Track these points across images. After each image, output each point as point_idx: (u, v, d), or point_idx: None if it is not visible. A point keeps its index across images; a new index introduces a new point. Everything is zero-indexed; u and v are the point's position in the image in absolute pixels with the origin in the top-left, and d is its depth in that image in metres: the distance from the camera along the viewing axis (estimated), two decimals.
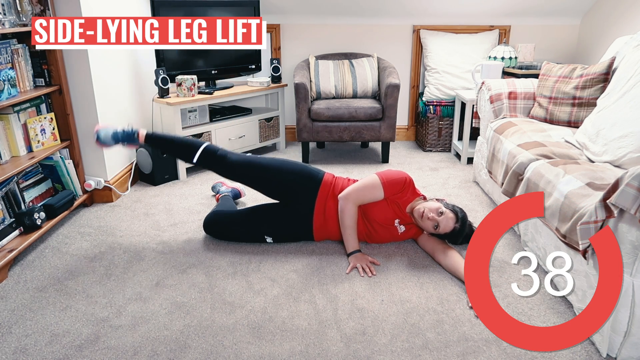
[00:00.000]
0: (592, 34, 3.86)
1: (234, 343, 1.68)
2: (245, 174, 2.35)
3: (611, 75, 2.49)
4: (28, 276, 2.11)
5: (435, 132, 3.90)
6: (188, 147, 2.35)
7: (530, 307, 1.87)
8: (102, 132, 2.38)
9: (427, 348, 1.65)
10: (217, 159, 2.33)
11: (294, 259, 2.24)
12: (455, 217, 2.15)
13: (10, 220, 2.27)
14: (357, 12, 3.96)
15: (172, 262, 2.21)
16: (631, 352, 1.56)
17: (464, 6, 3.88)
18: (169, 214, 2.73)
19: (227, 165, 2.33)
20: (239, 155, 2.36)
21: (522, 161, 2.25)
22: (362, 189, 2.24)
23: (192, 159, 2.34)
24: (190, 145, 2.36)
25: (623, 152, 2.03)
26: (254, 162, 2.35)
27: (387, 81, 3.50)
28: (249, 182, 2.40)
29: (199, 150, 2.32)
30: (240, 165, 2.33)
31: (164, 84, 3.25)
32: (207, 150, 2.33)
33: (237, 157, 2.35)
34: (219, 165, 2.34)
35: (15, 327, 1.77)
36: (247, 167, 2.33)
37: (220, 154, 2.34)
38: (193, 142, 2.38)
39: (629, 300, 1.52)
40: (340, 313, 1.84)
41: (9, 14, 2.30)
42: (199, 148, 2.33)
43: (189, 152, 2.34)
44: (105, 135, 2.38)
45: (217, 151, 2.35)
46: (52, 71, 2.54)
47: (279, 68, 3.82)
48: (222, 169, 2.36)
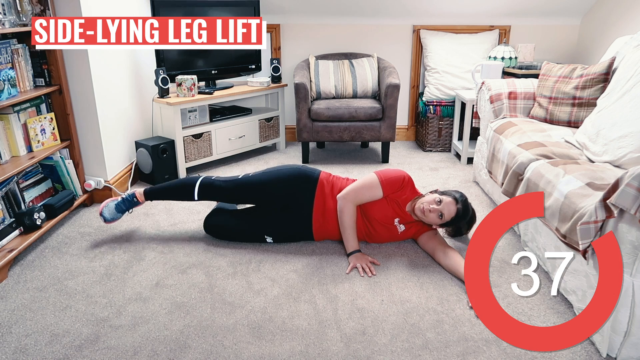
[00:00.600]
0: (592, 34, 3.86)
1: (234, 343, 1.68)
2: (245, 195, 2.39)
3: (611, 75, 2.49)
4: (28, 276, 2.11)
5: (435, 132, 3.90)
6: (185, 188, 2.39)
7: (530, 307, 1.87)
8: (105, 212, 2.41)
9: (427, 348, 1.65)
10: (215, 190, 2.37)
11: (294, 259, 2.24)
12: (454, 200, 2.16)
13: (10, 220, 2.27)
14: (357, 12, 3.96)
15: (172, 262, 2.21)
16: (631, 352, 1.56)
17: (464, 6, 3.88)
18: (169, 214, 2.73)
19: (226, 193, 2.37)
20: (233, 180, 2.38)
21: (522, 161, 2.25)
22: (361, 188, 2.24)
23: (194, 198, 2.38)
24: (186, 185, 2.40)
25: (623, 152, 2.03)
26: (248, 182, 2.36)
27: (387, 81, 3.50)
28: (253, 202, 2.42)
29: (195, 187, 2.36)
30: (237, 190, 2.36)
31: (164, 84, 3.25)
32: (203, 185, 2.37)
33: (231, 183, 2.37)
34: (218, 195, 2.40)
35: (15, 327, 1.77)
36: (244, 188, 2.36)
37: (216, 184, 2.37)
38: (188, 181, 2.41)
39: (629, 300, 1.52)
40: (340, 313, 1.84)
41: (9, 14, 2.30)
42: (195, 185, 2.37)
43: (188, 193, 2.38)
44: (110, 213, 2.42)
45: (212, 183, 2.38)
46: (52, 71, 2.54)
47: (279, 68, 3.82)
48: (223, 197, 2.41)
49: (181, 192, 2.42)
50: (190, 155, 3.33)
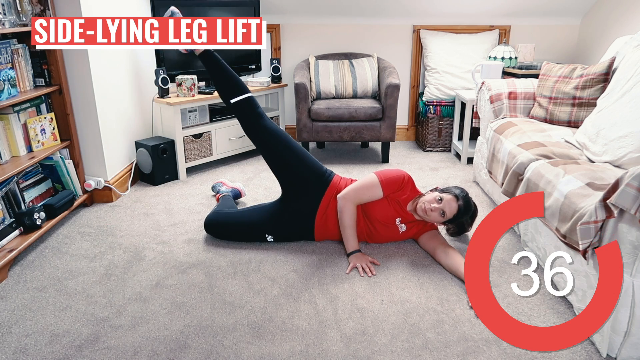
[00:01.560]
0: (592, 34, 3.86)
1: (234, 343, 1.68)
2: (268, 142, 2.33)
3: (611, 76, 2.49)
4: (28, 276, 2.11)
5: (435, 132, 3.90)
6: (235, 86, 2.30)
7: (530, 307, 1.87)
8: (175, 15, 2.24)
9: (427, 348, 1.65)
10: (253, 113, 2.30)
11: (294, 259, 2.24)
12: (455, 197, 2.17)
13: (10, 220, 2.27)
14: (357, 12, 3.96)
15: (172, 262, 2.21)
16: (631, 352, 1.56)
17: (464, 6, 3.88)
18: (169, 214, 2.73)
19: (257, 125, 2.31)
20: (272, 124, 2.35)
21: (522, 161, 2.25)
22: (361, 188, 2.24)
23: (231, 99, 2.29)
24: (238, 86, 2.31)
25: (623, 152, 2.03)
26: (283, 139, 2.32)
27: (387, 81, 3.50)
28: (266, 152, 2.38)
29: (243, 95, 2.29)
30: (269, 133, 2.31)
31: (164, 84, 3.25)
32: (249, 100, 2.30)
33: (270, 124, 2.33)
34: (250, 119, 2.32)
35: (15, 327, 1.77)
36: (274, 137, 2.31)
37: (258, 111, 2.32)
38: (242, 85, 2.33)
39: (629, 300, 1.52)
40: (340, 313, 1.84)
41: (9, 14, 2.30)
42: (244, 94, 2.29)
43: (233, 91, 2.29)
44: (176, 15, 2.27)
45: (257, 107, 2.32)
46: (52, 71, 2.54)
47: (279, 68, 3.82)
48: (251, 124, 2.33)
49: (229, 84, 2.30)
50: (190, 155, 3.33)
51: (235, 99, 2.30)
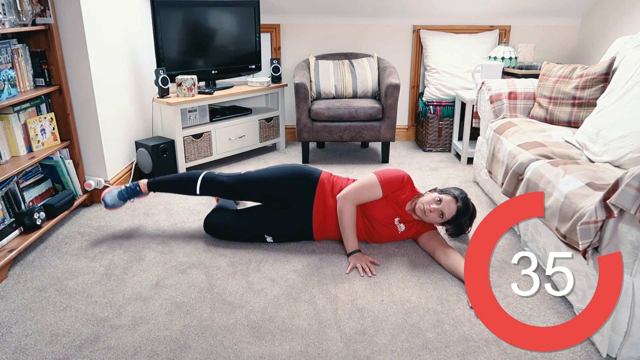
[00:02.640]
0: (592, 34, 3.86)
1: (234, 343, 1.68)
2: (244, 191, 2.39)
3: (611, 76, 2.49)
4: (28, 276, 2.11)
5: (435, 132, 3.90)
6: (188, 182, 2.41)
7: (530, 307, 1.87)
8: (107, 197, 2.46)
9: (427, 348, 1.65)
10: (217, 185, 2.38)
11: (294, 259, 2.24)
12: (454, 198, 2.17)
13: (10, 220, 2.27)
14: (357, 12, 3.96)
15: (172, 262, 2.21)
16: (631, 352, 1.56)
17: (464, 6, 3.88)
18: (169, 214, 2.73)
19: (228, 189, 2.39)
20: (235, 176, 2.40)
21: (522, 161, 2.25)
22: (360, 188, 2.24)
23: (195, 192, 2.39)
24: (189, 179, 2.41)
25: (623, 152, 2.03)
26: (250, 178, 2.38)
27: (387, 81, 3.50)
28: (252, 199, 2.44)
29: (198, 181, 2.38)
30: (238, 185, 2.37)
31: (164, 84, 3.25)
32: (205, 180, 2.38)
33: (233, 178, 2.39)
34: (220, 190, 2.41)
35: (15, 327, 1.77)
36: (245, 184, 2.37)
37: (218, 179, 2.39)
38: (191, 175, 2.42)
39: (629, 300, 1.52)
40: (340, 313, 1.84)
41: (9, 14, 2.30)
42: (198, 179, 2.38)
43: (190, 186, 2.40)
44: (111, 199, 2.46)
45: (214, 178, 2.39)
46: (52, 71, 2.54)
47: (279, 68, 3.82)
48: (224, 193, 2.42)
49: (184, 185, 2.43)
50: (190, 155, 3.33)
51: (197, 188, 2.39)
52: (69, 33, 2.57)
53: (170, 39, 3.32)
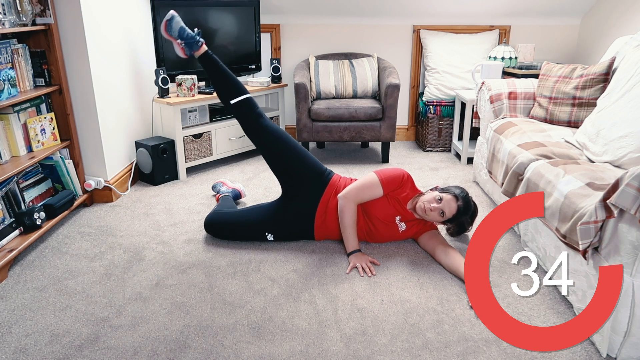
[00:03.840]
0: (592, 34, 3.86)
1: (234, 343, 1.68)
2: (268, 142, 2.35)
3: (611, 76, 2.49)
4: (28, 276, 2.11)
5: (435, 132, 3.90)
6: (234, 87, 2.33)
7: (530, 307, 1.87)
8: (175, 18, 2.33)
9: (427, 348, 1.65)
10: (252, 114, 2.33)
11: (294, 258, 2.24)
12: (455, 197, 2.17)
13: (10, 220, 2.27)
14: (357, 12, 3.96)
15: (172, 262, 2.21)
16: (631, 352, 1.56)
17: (464, 6, 3.88)
18: (169, 214, 2.73)
19: (256, 125, 2.33)
20: (272, 124, 2.37)
21: (522, 161, 2.25)
22: (361, 187, 2.24)
23: (230, 100, 2.32)
24: (237, 87, 2.34)
25: (623, 152, 2.03)
26: (282, 137, 2.34)
27: (387, 81, 3.50)
28: (266, 152, 2.39)
29: (241, 96, 2.32)
30: (269, 132, 2.33)
31: (164, 83, 3.25)
32: (248, 101, 2.33)
33: (269, 123, 2.36)
34: (249, 120, 2.34)
35: (15, 327, 1.77)
36: (273, 137, 2.33)
37: (257, 111, 2.35)
38: (240, 86, 2.36)
39: (629, 300, 1.52)
40: (340, 313, 1.84)
41: (9, 14, 2.30)
42: (243, 95, 2.33)
43: (232, 92, 2.32)
44: (176, 24, 2.33)
45: (256, 108, 2.35)
46: (52, 71, 2.54)
47: (279, 68, 3.82)
48: (250, 124, 2.35)
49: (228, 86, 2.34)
50: (190, 155, 3.33)
51: (234, 100, 2.32)
52: (69, 33, 2.57)
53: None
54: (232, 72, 2.37)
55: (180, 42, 2.35)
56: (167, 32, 2.36)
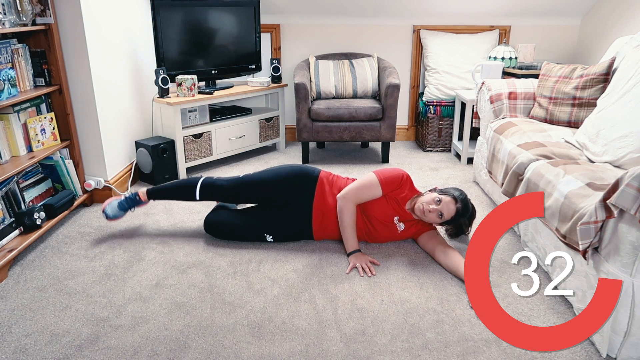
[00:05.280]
0: (592, 34, 3.86)
1: (234, 343, 1.68)
2: (243, 194, 2.39)
3: (611, 76, 2.49)
4: (28, 276, 2.11)
5: (435, 132, 3.90)
6: (187, 188, 2.41)
7: (530, 307, 1.87)
8: (108, 209, 2.45)
9: (427, 348, 1.65)
10: (216, 189, 2.38)
11: (294, 259, 2.24)
12: (454, 199, 2.17)
13: (10, 220, 2.27)
14: (357, 12, 3.96)
15: (172, 262, 2.21)
16: (631, 352, 1.57)
17: (464, 6, 3.88)
18: (169, 214, 2.73)
19: (227, 193, 2.38)
20: (232, 180, 2.40)
21: (522, 161, 2.25)
22: (360, 187, 2.24)
23: (195, 198, 2.39)
24: (188, 186, 2.41)
25: (623, 152, 2.03)
26: (249, 180, 2.38)
27: (387, 81, 3.50)
28: (253, 200, 2.43)
29: (197, 187, 2.38)
30: (236, 189, 2.37)
31: (164, 83, 3.25)
32: (204, 185, 2.38)
33: (232, 182, 2.39)
34: (219, 195, 2.40)
35: (15, 327, 1.77)
36: (244, 187, 2.37)
37: (217, 184, 2.38)
38: (189, 182, 2.42)
39: (629, 300, 1.52)
40: (340, 313, 1.84)
41: (9, 14, 2.30)
42: (197, 185, 2.38)
43: (190, 192, 2.40)
44: (112, 210, 2.45)
45: (213, 183, 2.39)
46: (52, 71, 2.54)
47: (279, 68, 3.82)
48: (224, 197, 2.42)
49: (183, 192, 2.43)
50: (190, 155, 3.33)
51: (196, 193, 2.38)
52: (69, 33, 2.57)
53: (170, 39, 3.32)
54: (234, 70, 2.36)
55: (132, 210, 2.51)
56: (116, 218, 2.48)
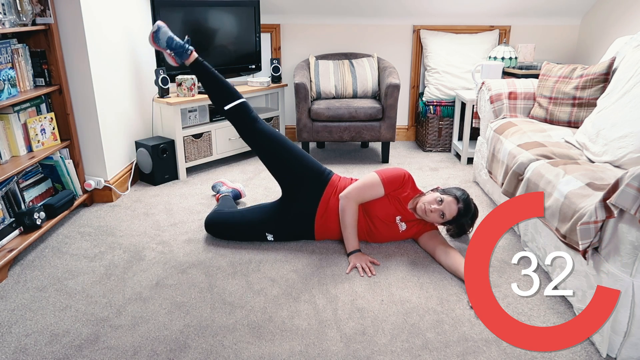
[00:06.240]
0: (592, 34, 3.86)
1: (234, 343, 1.68)
2: (264, 144, 2.34)
3: (611, 76, 2.49)
4: (28, 276, 2.11)
5: (435, 132, 3.90)
6: (227, 93, 2.32)
7: (530, 307, 1.87)
8: (162, 29, 2.32)
9: (427, 348, 1.65)
10: (248, 118, 2.32)
11: (294, 258, 2.24)
12: (456, 199, 2.17)
13: (10, 220, 2.27)
14: (357, 12, 3.96)
15: (172, 262, 2.21)
16: (631, 352, 1.56)
17: (464, 6, 3.88)
18: (169, 214, 2.73)
19: (253, 129, 2.32)
20: (268, 126, 2.36)
21: (522, 161, 2.25)
22: (362, 187, 2.24)
23: (225, 106, 2.31)
24: (230, 92, 2.33)
25: (623, 152, 2.03)
26: (279, 139, 2.33)
27: (387, 81, 3.50)
28: (263, 155, 2.38)
29: (236, 101, 2.31)
30: (265, 136, 2.32)
31: (164, 83, 3.25)
32: (242, 106, 2.32)
33: (265, 126, 2.34)
34: (245, 124, 2.33)
35: (15, 327, 1.77)
36: (270, 140, 2.32)
37: (252, 115, 2.34)
38: (234, 91, 2.35)
39: (629, 300, 1.52)
40: (340, 313, 1.84)
41: (9, 14, 2.30)
42: (237, 100, 2.31)
43: (226, 98, 2.31)
44: (163, 34, 2.32)
45: (251, 112, 2.34)
46: (52, 71, 2.54)
47: (279, 68, 3.82)
48: (246, 129, 2.34)
49: (221, 92, 2.33)
50: (190, 155, 3.33)
51: (228, 105, 2.32)
52: (69, 33, 2.57)
53: None
54: (234, 70, 2.35)
55: (169, 52, 2.35)
56: (155, 43, 2.35)
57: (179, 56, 2.34)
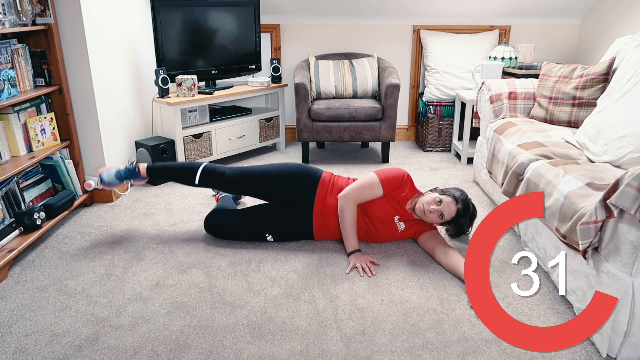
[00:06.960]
0: (592, 34, 3.86)
1: (234, 343, 1.68)
2: (245, 185, 2.39)
3: (611, 76, 2.49)
4: (28, 276, 2.11)
5: (435, 132, 3.90)
6: (188, 171, 2.40)
7: (530, 307, 1.87)
8: (104, 174, 2.44)
9: (427, 348, 1.65)
10: (216, 176, 2.37)
11: (294, 258, 2.24)
12: (454, 199, 2.17)
13: (10, 220, 2.27)
14: (357, 12, 3.96)
15: (172, 262, 2.21)
16: (631, 352, 1.56)
17: (464, 6, 3.88)
18: (169, 214, 2.73)
19: (227, 181, 2.37)
20: (236, 169, 2.40)
21: (522, 161, 2.25)
22: (361, 187, 2.24)
23: (194, 182, 2.38)
24: (189, 169, 2.40)
25: (623, 152, 2.03)
26: (251, 172, 2.38)
27: (387, 81, 3.50)
28: (251, 192, 2.44)
29: (198, 171, 2.37)
30: (238, 178, 2.37)
31: (164, 83, 3.25)
32: (205, 170, 2.37)
33: (233, 171, 2.39)
34: (219, 182, 2.39)
35: (15, 327, 1.77)
36: (245, 178, 2.37)
37: (218, 171, 2.38)
38: (191, 165, 2.42)
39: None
40: (340, 313, 1.84)
41: (9, 14, 2.30)
42: (198, 169, 2.37)
43: (190, 176, 2.38)
44: (108, 176, 2.43)
45: (215, 169, 2.39)
46: (52, 71, 2.54)
47: (279, 68, 3.82)
48: (223, 185, 2.40)
49: (183, 175, 2.41)
50: (190, 155, 3.33)
51: (196, 178, 2.37)
52: (69, 33, 2.57)
53: (170, 39, 3.32)
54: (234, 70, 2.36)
55: (128, 182, 2.48)
56: (109, 185, 2.46)
57: (135, 176, 2.45)
